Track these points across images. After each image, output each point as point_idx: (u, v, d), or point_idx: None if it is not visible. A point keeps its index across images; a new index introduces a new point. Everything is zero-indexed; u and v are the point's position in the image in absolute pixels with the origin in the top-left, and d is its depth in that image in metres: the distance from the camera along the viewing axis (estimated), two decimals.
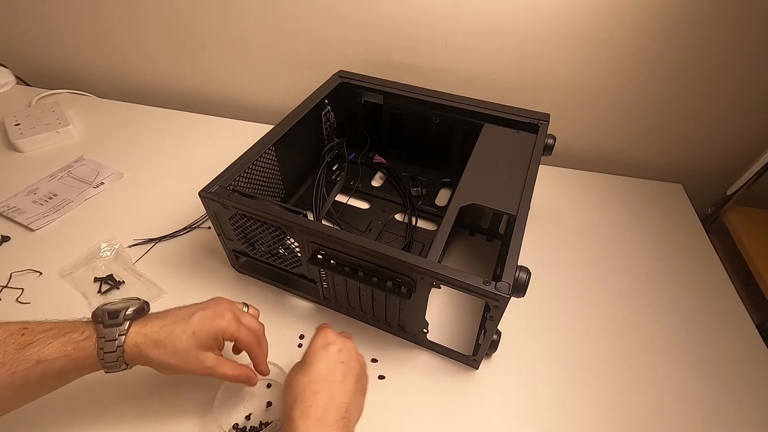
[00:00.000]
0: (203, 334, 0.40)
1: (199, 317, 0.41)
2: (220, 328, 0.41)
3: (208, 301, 0.44)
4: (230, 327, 0.42)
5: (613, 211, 0.77)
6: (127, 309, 0.39)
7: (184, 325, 0.40)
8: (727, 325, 0.60)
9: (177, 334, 0.39)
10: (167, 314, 0.41)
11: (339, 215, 0.71)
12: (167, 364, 0.39)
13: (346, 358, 0.41)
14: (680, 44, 0.70)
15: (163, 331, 0.39)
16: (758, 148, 0.74)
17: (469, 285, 0.43)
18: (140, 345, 0.38)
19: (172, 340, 0.39)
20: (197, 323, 0.41)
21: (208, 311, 0.42)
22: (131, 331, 0.39)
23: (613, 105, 0.80)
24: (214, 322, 0.41)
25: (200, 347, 0.40)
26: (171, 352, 0.39)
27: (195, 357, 0.40)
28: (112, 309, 0.39)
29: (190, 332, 0.40)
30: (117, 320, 0.38)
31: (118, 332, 0.38)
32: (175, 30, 0.92)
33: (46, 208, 0.72)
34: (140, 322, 0.40)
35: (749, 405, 0.52)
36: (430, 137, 0.75)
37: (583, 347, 0.57)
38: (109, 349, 0.37)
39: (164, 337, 0.39)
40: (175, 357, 0.39)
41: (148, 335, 0.39)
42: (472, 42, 0.77)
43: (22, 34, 1.02)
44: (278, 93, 0.98)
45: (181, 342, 0.39)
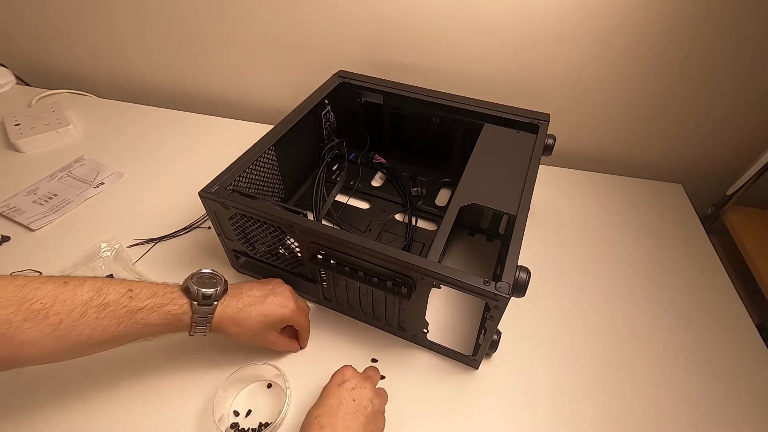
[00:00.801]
0: (273, 318, 0.48)
1: (270, 303, 0.48)
2: (286, 316, 0.49)
3: (274, 285, 0.51)
4: (293, 315, 0.50)
5: (613, 211, 0.77)
6: (216, 290, 0.45)
7: (259, 308, 0.47)
8: (727, 325, 0.60)
9: (252, 316, 0.47)
10: (242, 295, 0.48)
11: (339, 215, 0.71)
12: (242, 338, 0.48)
13: (358, 397, 0.42)
14: (680, 44, 0.70)
15: (242, 313, 0.46)
16: (758, 148, 0.74)
17: (469, 285, 0.43)
18: (223, 322, 0.45)
19: (248, 321, 0.47)
20: (269, 308, 0.48)
21: (277, 298, 0.49)
22: (218, 310, 0.45)
23: (613, 105, 0.80)
24: (282, 311, 0.49)
25: (268, 328, 0.49)
26: (246, 330, 0.47)
27: (263, 335, 0.49)
28: (206, 293, 0.44)
29: (263, 315, 0.48)
30: (209, 301, 0.44)
31: (208, 312, 0.44)
32: (176, 30, 0.92)
33: (46, 208, 0.72)
34: (224, 301, 0.46)
35: (749, 405, 0.52)
36: (430, 137, 0.75)
37: (583, 347, 0.57)
38: (200, 324, 0.44)
39: (243, 319, 0.46)
40: (248, 334, 0.48)
41: (230, 315, 0.46)
42: (472, 42, 0.77)
43: (22, 34, 1.02)
44: (278, 93, 0.98)
45: (256, 323, 0.47)
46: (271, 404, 0.50)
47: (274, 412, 0.49)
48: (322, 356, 0.54)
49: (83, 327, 0.38)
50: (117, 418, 0.48)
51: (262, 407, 0.49)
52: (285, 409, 0.47)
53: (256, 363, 0.50)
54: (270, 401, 0.50)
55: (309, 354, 0.55)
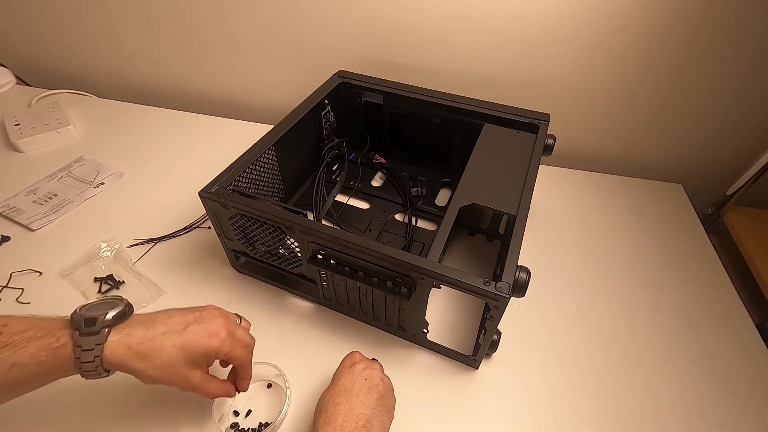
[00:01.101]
0: (194, 352, 0.38)
1: (191, 333, 0.38)
2: (213, 348, 0.39)
3: (203, 312, 0.41)
4: (224, 347, 0.39)
5: (613, 211, 0.77)
6: (105, 314, 0.36)
7: (176, 338, 0.37)
8: (727, 325, 0.60)
9: (166, 347, 0.37)
10: (155, 322, 0.38)
11: (339, 215, 0.71)
12: (151, 377, 0.37)
13: (369, 376, 0.43)
14: (680, 44, 0.70)
15: (150, 343, 0.36)
16: (758, 148, 0.74)
17: (469, 285, 0.43)
18: (122, 356, 0.35)
19: (159, 354, 0.36)
20: (190, 338, 0.38)
21: (201, 326, 0.39)
22: (112, 339, 0.35)
23: (613, 105, 0.80)
24: (208, 342, 0.38)
25: (189, 365, 0.38)
26: (157, 366, 0.36)
27: (182, 373, 0.38)
28: (89, 316, 0.35)
29: (180, 347, 0.37)
30: (94, 328, 0.35)
31: (95, 341, 0.35)
32: (176, 30, 0.92)
33: (46, 208, 0.72)
34: (123, 330, 0.36)
35: (749, 405, 0.52)
36: (430, 137, 0.75)
37: (583, 347, 0.57)
38: (86, 358, 0.34)
39: (150, 350, 0.36)
40: (161, 371, 0.37)
41: (132, 347, 0.36)
42: (472, 42, 0.77)
43: (22, 34, 1.02)
44: (278, 93, 0.98)
45: (170, 356, 0.37)
46: (271, 404, 0.50)
47: (274, 412, 0.49)
48: (322, 356, 0.54)
49: None
50: (117, 419, 0.48)
51: (262, 407, 0.49)
52: (285, 409, 0.47)
53: (256, 363, 0.49)
54: (270, 401, 0.50)
55: (309, 354, 0.55)
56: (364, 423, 0.39)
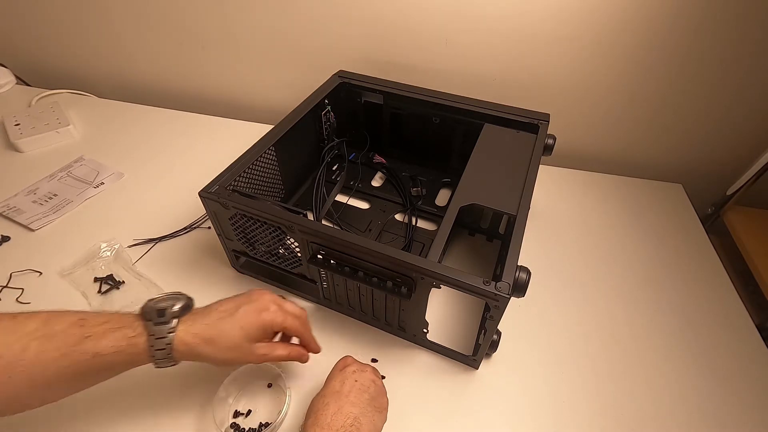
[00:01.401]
0: (251, 328, 0.42)
1: (243, 312, 0.42)
2: (266, 320, 0.43)
3: (250, 293, 0.45)
4: (276, 318, 0.43)
5: (613, 211, 0.77)
6: (173, 306, 0.40)
7: (232, 321, 0.41)
8: (727, 325, 0.60)
9: (226, 330, 0.41)
10: (211, 311, 0.42)
11: (339, 215, 0.71)
12: (222, 359, 0.41)
13: (360, 378, 0.43)
14: (680, 44, 0.70)
15: (212, 329, 0.40)
16: (758, 148, 0.74)
17: (469, 285, 0.43)
18: (191, 344, 0.39)
19: (223, 337, 0.40)
20: (244, 318, 0.42)
21: (252, 305, 0.43)
22: (179, 329, 0.39)
23: (612, 105, 0.80)
24: (260, 316, 0.42)
25: (251, 340, 0.42)
26: (225, 348, 0.41)
27: (248, 349, 0.42)
28: (160, 307, 0.39)
29: (238, 327, 0.41)
30: (164, 318, 0.39)
31: (166, 330, 0.39)
32: (176, 30, 0.92)
33: (46, 208, 0.72)
34: (187, 320, 0.40)
35: (749, 405, 0.52)
36: (430, 137, 0.75)
37: (583, 347, 0.57)
38: (159, 346, 0.38)
39: (215, 335, 0.40)
40: (230, 352, 0.41)
41: (198, 334, 0.40)
42: (472, 42, 0.77)
43: (22, 34, 1.02)
44: (278, 93, 0.98)
45: (232, 337, 0.41)
46: (271, 404, 0.50)
47: (274, 412, 0.49)
48: (322, 356, 0.54)
49: (24, 363, 0.34)
50: (117, 419, 0.48)
51: (262, 407, 0.49)
52: (285, 409, 0.47)
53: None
54: (270, 401, 0.50)
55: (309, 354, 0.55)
56: (352, 421, 0.39)
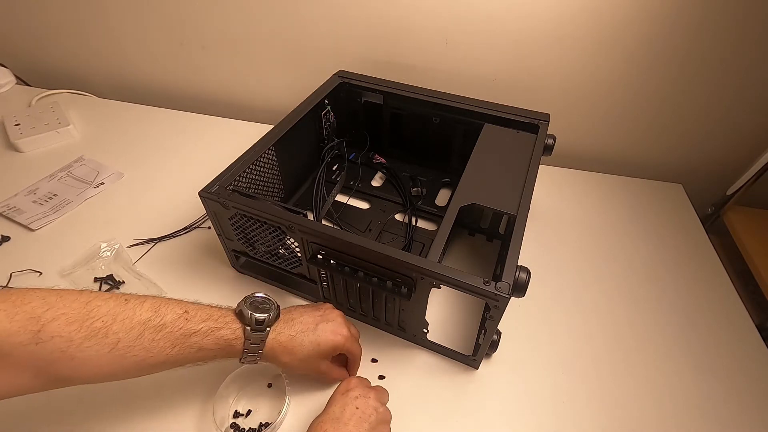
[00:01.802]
0: (326, 346, 0.46)
1: (322, 331, 0.46)
2: (339, 343, 0.47)
3: (325, 311, 0.49)
4: (346, 343, 0.47)
5: (613, 211, 0.77)
6: (269, 315, 0.44)
7: (311, 336, 0.46)
8: (727, 325, 0.60)
9: (305, 344, 0.45)
10: (294, 323, 0.46)
11: (339, 215, 0.71)
12: (293, 367, 0.46)
13: (362, 405, 0.43)
14: (680, 44, 0.70)
15: (294, 341, 0.45)
16: (758, 148, 0.74)
17: (469, 285, 0.43)
18: (275, 350, 0.44)
19: (300, 350, 0.45)
20: (321, 335, 0.46)
21: (329, 325, 0.47)
22: (270, 337, 0.44)
23: (613, 105, 0.80)
24: (335, 338, 0.47)
25: (320, 355, 0.46)
26: (299, 359, 0.45)
27: (315, 364, 0.47)
28: (260, 318, 0.43)
29: (316, 343, 0.46)
30: (261, 327, 0.43)
31: (260, 338, 0.43)
32: (175, 30, 0.92)
33: (46, 208, 0.72)
34: (276, 328, 0.45)
35: (749, 405, 0.52)
36: (430, 137, 0.75)
37: (583, 347, 0.57)
38: (252, 351, 0.43)
39: (295, 347, 0.45)
40: (301, 363, 0.46)
41: (282, 343, 0.44)
42: (472, 42, 0.77)
43: (22, 33, 1.02)
44: (278, 93, 0.98)
45: (308, 351, 0.45)
46: (271, 404, 0.50)
47: (274, 412, 0.49)
48: None
49: (139, 348, 0.38)
50: (117, 418, 0.48)
51: (262, 407, 0.49)
52: (285, 409, 0.47)
53: None
54: (270, 401, 0.50)
55: None
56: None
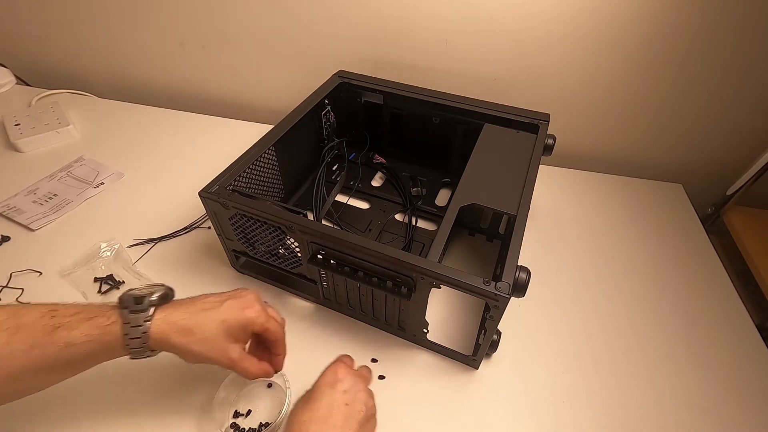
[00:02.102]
0: (233, 323, 0.40)
1: (229, 306, 0.41)
2: (249, 318, 0.41)
3: (235, 291, 0.43)
4: (259, 318, 0.41)
5: (613, 211, 0.77)
6: (152, 294, 0.39)
7: (214, 314, 0.40)
8: (727, 325, 0.60)
9: (206, 322, 0.39)
10: (194, 302, 0.41)
11: (339, 215, 0.71)
12: (194, 351, 0.39)
13: (351, 401, 0.39)
14: (680, 44, 0.70)
15: (192, 318, 0.39)
16: (758, 148, 0.74)
17: (469, 285, 0.43)
18: (166, 332, 0.38)
19: (201, 328, 0.39)
20: (227, 312, 0.40)
21: (237, 300, 0.41)
22: (156, 317, 0.38)
23: (613, 105, 0.80)
24: (244, 312, 0.41)
25: (229, 337, 0.40)
26: (199, 340, 0.39)
27: (222, 346, 0.40)
28: (138, 294, 0.38)
29: (220, 320, 0.39)
30: (142, 305, 0.38)
31: (143, 318, 0.37)
32: (175, 30, 0.92)
33: (46, 208, 0.72)
34: (166, 309, 0.39)
35: (749, 405, 0.52)
36: (430, 137, 0.75)
37: (582, 347, 0.57)
38: (134, 335, 0.37)
39: (193, 325, 0.39)
40: (203, 345, 0.39)
41: (176, 322, 0.38)
42: (472, 42, 0.77)
43: (22, 34, 1.02)
44: (278, 93, 0.98)
45: (211, 330, 0.39)
46: (271, 404, 0.50)
47: (274, 412, 0.49)
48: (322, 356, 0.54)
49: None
50: (117, 419, 0.48)
51: (262, 407, 0.49)
52: (285, 409, 0.47)
53: None
54: (270, 401, 0.50)
55: (309, 354, 0.54)
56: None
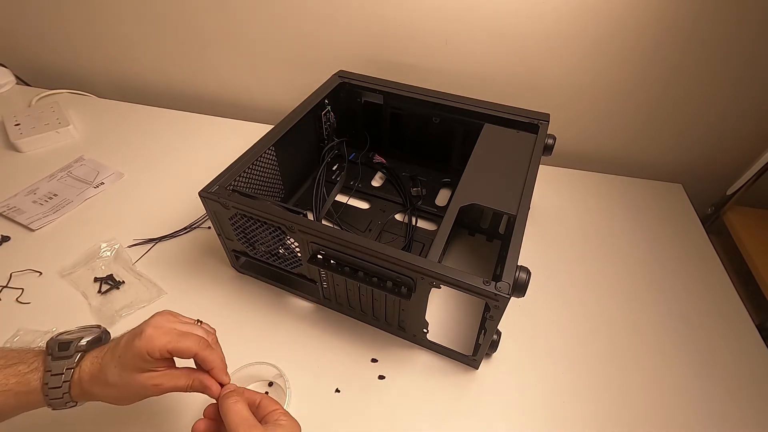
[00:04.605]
0: (128, 359, 0.35)
1: (123, 341, 0.36)
2: (140, 348, 0.34)
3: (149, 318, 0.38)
4: (156, 343, 0.35)
5: (613, 211, 0.77)
6: (80, 339, 0.35)
7: (112, 353, 0.36)
8: (727, 325, 0.60)
9: (106, 364, 0.35)
10: (109, 343, 0.37)
11: (339, 215, 0.71)
12: (110, 396, 0.36)
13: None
14: (679, 44, 0.70)
15: (96, 363, 0.35)
16: (758, 148, 0.74)
17: (469, 285, 0.43)
18: (82, 381, 0.35)
19: (104, 372, 0.35)
20: (122, 349, 0.35)
21: (132, 332, 0.37)
22: (83, 365, 0.35)
23: (613, 105, 0.80)
24: (134, 344, 0.35)
25: (134, 370, 0.35)
26: (105, 384, 0.35)
27: (135, 382, 0.35)
28: (64, 339, 0.35)
29: (116, 359, 0.35)
30: (67, 352, 0.34)
31: (66, 365, 0.34)
32: (176, 30, 0.92)
33: (46, 208, 0.72)
34: (91, 356, 0.36)
35: (749, 405, 0.52)
36: (430, 137, 0.75)
37: (583, 347, 0.57)
38: (54, 384, 0.33)
39: (98, 371, 0.35)
40: (113, 389, 0.35)
41: (85, 370, 0.35)
42: (472, 42, 0.77)
43: (22, 34, 1.02)
44: (278, 93, 0.98)
45: (112, 372, 0.35)
46: None
47: None
48: (323, 356, 0.54)
49: None
50: (117, 419, 0.48)
51: None
52: None
53: (257, 363, 0.50)
54: None
55: (309, 354, 0.55)
56: None
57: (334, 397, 0.51)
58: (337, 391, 0.51)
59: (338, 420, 0.49)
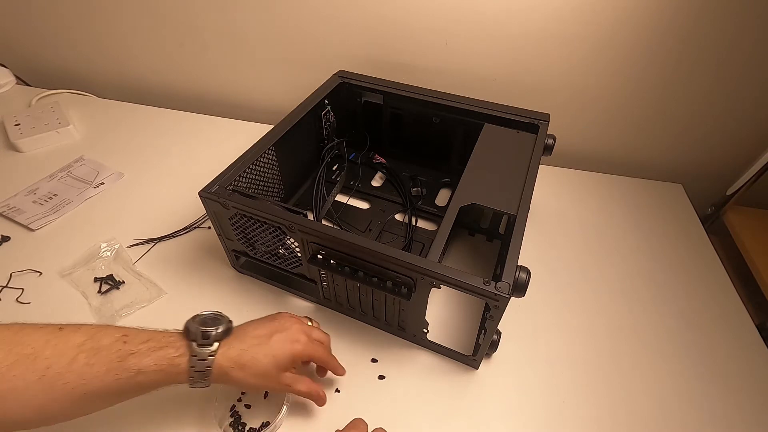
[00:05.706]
0: (282, 357, 0.43)
1: (277, 340, 0.44)
2: (297, 351, 0.44)
3: (280, 320, 0.46)
4: (306, 350, 0.45)
5: (613, 211, 0.77)
6: (217, 329, 0.41)
7: (266, 348, 0.43)
8: (727, 325, 0.60)
9: (259, 357, 0.42)
10: (246, 335, 0.44)
11: (339, 215, 0.71)
12: (250, 384, 0.43)
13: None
14: (679, 44, 0.70)
15: (246, 354, 0.42)
16: (758, 148, 0.74)
17: (469, 285, 0.43)
18: (225, 368, 0.41)
19: (255, 364, 0.42)
20: (276, 346, 0.43)
21: (284, 334, 0.45)
22: (219, 352, 0.41)
23: (613, 105, 0.80)
24: (292, 346, 0.44)
25: (279, 369, 0.43)
26: (254, 374, 0.42)
27: (275, 377, 0.43)
28: (205, 330, 0.41)
29: (271, 356, 0.43)
30: (208, 341, 0.40)
31: (207, 353, 0.40)
32: (176, 30, 0.92)
33: (46, 208, 0.72)
34: (225, 344, 0.42)
35: (749, 405, 0.52)
36: (430, 137, 0.75)
37: (583, 347, 0.57)
38: (199, 367, 0.40)
39: (248, 361, 0.42)
40: (257, 379, 0.42)
41: (233, 359, 0.41)
42: (472, 42, 0.77)
43: (22, 34, 1.02)
44: (278, 93, 0.98)
45: (263, 365, 0.42)
46: (271, 404, 0.50)
47: (274, 412, 0.49)
48: None
49: (71, 375, 0.35)
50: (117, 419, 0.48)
51: (262, 407, 0.49)
52: (285, 410, 0.47)
53: None
54: (270, 401, 0.50)
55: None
56: None
57: (334, 397, 0.51)
58: (337, 391, 0.51)
59: (338, 420, 0.49)
